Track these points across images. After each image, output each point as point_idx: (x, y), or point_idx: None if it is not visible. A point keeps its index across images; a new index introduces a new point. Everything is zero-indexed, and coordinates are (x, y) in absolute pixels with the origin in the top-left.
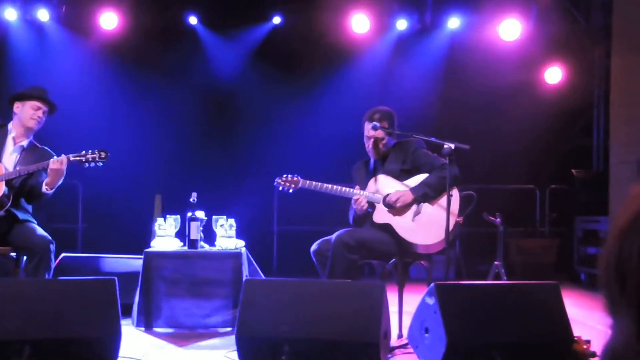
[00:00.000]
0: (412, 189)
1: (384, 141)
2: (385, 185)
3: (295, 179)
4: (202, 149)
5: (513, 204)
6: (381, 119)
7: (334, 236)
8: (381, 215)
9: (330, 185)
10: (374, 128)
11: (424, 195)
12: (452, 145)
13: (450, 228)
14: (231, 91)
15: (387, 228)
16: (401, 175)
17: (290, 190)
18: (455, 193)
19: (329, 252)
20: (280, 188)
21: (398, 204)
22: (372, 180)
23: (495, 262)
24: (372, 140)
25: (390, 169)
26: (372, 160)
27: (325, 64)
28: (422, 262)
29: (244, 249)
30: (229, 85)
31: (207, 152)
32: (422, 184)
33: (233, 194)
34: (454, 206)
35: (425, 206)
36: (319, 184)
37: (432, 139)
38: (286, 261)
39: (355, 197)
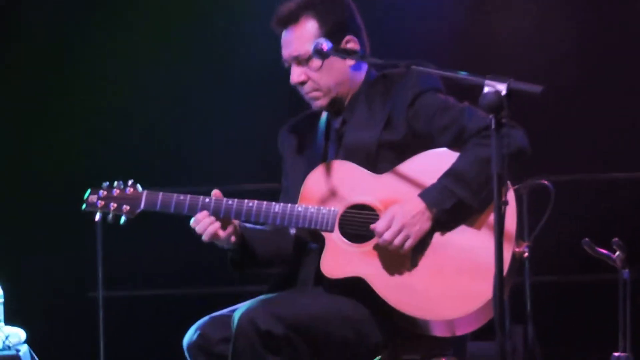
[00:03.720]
0: (427, 194)
1: (322, 75)
2: (350, 183)
3: (130, 192)
4: None
5: None
6: (304, 14)
7: (237, 313)
8: (340, 260)
9: (210, 198)
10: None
11: (460, 205)
12: (503, 87)
13: (505, 272)
14: None
15: (357, 287)
16: (382, 154)
17: (123, 218)
18: (510, 195)
19: (230, 346)
20: (98, 215)
21: (405, 243)
22: (318, 170)
23: (617, 354)
24: (299, 77)
25: (358, 140)
26: (323, 116)
27: None
28: (443, 359)
29: (25, 348)
30: None
31: None
32: (454, 176)
33: None
34: (509, 221)
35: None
36: (186, 196)
37: (463, 74)
38: None
39: (194, 221)
